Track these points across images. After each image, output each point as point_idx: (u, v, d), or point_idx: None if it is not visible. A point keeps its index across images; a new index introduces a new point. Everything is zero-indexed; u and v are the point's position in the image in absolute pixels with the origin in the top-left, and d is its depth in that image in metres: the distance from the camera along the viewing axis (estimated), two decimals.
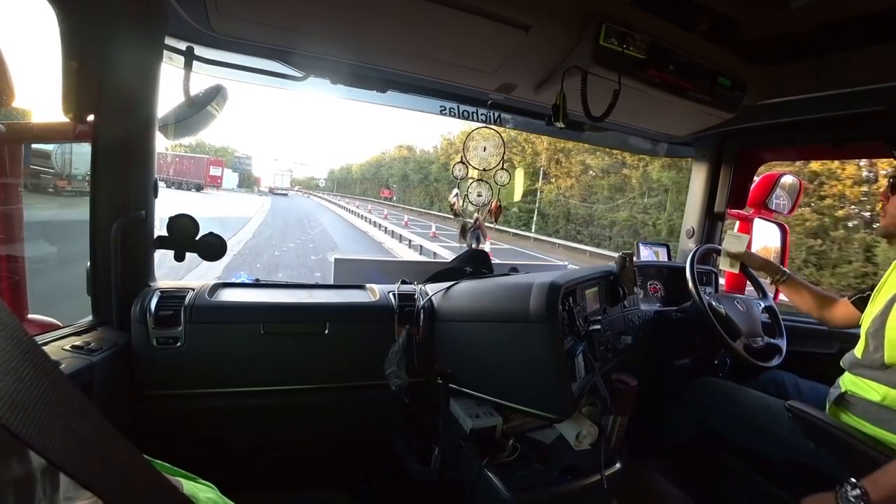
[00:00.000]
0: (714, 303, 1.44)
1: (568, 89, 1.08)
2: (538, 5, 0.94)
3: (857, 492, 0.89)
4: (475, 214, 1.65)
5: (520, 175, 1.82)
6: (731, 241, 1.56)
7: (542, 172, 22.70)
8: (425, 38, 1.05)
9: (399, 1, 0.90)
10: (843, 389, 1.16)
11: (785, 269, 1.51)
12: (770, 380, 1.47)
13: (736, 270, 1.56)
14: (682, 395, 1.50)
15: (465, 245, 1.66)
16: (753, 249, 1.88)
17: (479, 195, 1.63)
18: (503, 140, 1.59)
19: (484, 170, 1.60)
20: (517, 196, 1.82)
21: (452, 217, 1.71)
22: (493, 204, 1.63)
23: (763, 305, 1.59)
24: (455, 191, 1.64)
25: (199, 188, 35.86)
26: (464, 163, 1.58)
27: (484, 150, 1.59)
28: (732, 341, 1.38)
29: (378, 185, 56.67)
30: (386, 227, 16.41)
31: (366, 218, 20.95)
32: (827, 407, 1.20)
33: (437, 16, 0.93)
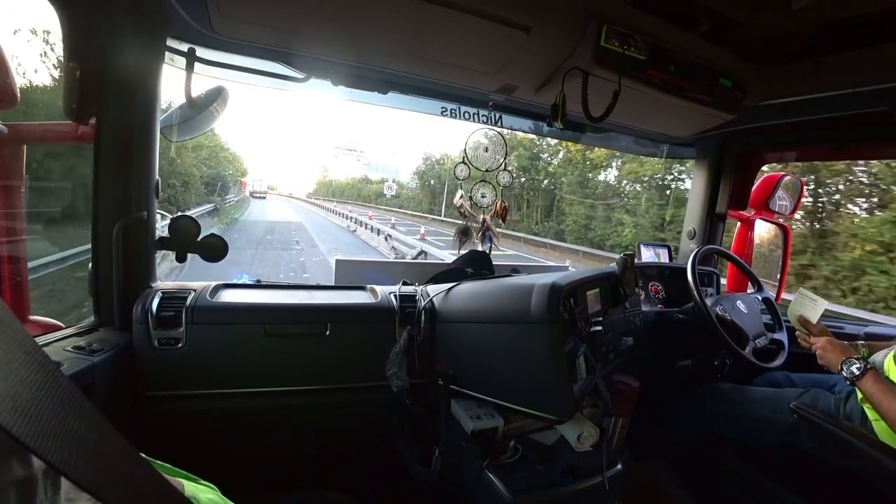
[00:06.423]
0: (719, 310, 1.42)
1: (569, 90, 1.08)
2: (539, 7, 0.94)
3: None
4: (482, 216, 1.64)
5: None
6: (805, 302, 1.32)
7: None
8: (426, 40, 1.05)
9: (400, 3, 0.90)
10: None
11: (863, 354, 1.18)
12: (767, 379, 1.48)
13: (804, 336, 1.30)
14: (687, 403, 1.50)
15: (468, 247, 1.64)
16: (755, 251, 1.88)
17: (482, 196, 1.63)
18: (505, 141, 1.59)
19: (486, 170, 1.60)
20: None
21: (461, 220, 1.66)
22: (498, 205, 1.62)
23: (761, 298, 1.59)
24: (460, 192, 1.64)
25: None
26: (465, 163, 1.58)
27: (485, 151, 1.58)
28: (742, 349, 1.36)
29: None
30: None
31: None
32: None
33: (437, 17, 0.93)
